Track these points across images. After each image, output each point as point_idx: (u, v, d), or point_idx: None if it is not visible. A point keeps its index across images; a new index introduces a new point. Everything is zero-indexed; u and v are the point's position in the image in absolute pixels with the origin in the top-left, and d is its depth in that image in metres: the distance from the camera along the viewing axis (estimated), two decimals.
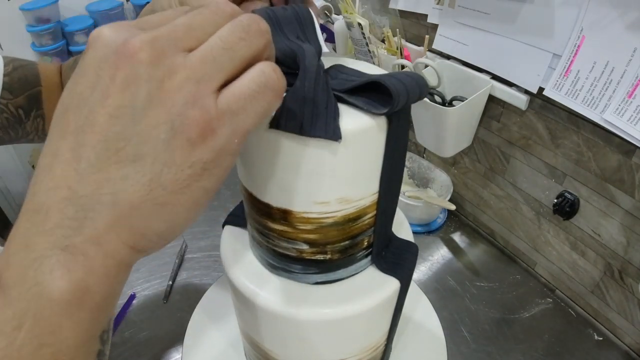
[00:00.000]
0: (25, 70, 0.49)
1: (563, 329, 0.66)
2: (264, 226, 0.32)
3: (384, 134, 0.28)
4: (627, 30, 0.49)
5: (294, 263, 0.33)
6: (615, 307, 0.63)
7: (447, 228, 0.84)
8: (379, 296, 0.33)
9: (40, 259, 0.18)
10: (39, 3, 1.22)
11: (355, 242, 0.32)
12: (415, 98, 0.26)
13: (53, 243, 0.18)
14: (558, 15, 0.55)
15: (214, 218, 0.82)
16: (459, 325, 0.65)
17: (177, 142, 0.18)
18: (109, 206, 0.18)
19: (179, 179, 0.19)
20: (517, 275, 0.74)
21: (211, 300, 0.56)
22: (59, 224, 0.18)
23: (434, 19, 0.74)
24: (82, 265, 0.18)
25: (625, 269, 0.60)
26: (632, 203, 0.56)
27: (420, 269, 0.75)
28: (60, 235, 0.18)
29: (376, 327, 0.37)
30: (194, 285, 0.71)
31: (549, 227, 0.70)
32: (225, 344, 0.50)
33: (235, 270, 0.35)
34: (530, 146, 0.67)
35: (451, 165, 0.85)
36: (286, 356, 0.37)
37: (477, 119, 0.73)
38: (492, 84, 0.67)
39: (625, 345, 0.64)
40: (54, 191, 0.18)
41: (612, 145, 0.56)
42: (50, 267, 0.18)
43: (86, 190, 0.18)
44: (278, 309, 0.32)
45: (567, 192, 0.64)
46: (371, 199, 0.31)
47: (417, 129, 0.78)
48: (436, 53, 0.76)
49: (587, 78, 0.54)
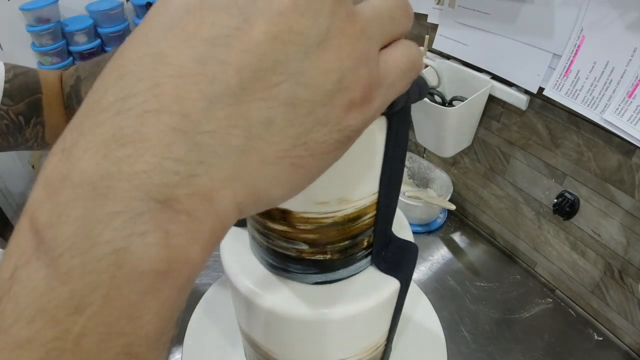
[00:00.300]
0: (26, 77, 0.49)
1: (563, 329, 0.66)
2: (264, 226, 0.32)
3: (384, 134, 0.27)
4: (627, 30, 0.49)
5: (293, 263, 0.33)
6: (615, 307, 0.63)
7: (447, 228, 0.84)
8: (379, 296, 0.33)
9: (126, 213, 0.12)
10: (39, 3, 1.22)
11: (355, 242, 0.32)
12: (415, 98, 0.26)
13: (147, 192, 0.12)
14: (558, 15, 0.55)
15: None
16: (459, 325, 0.65)
17: (339, 100, 0.15)
18: (237, 153, 0.14)
19: (326, 142, 0.15)
20: (517, 275, 0.74)
21: (211, 300, 0.56)
22: (159, 166, 0.13)
23: (434, 19, 0.74)
24: (185, 227, 0.13)
25: (625, 269, 0.60)
26: (632, 203, 0.56)
27: (420, 269, 0.75)
28: (160, 182, 0.13)
29: (376, 327, 0.37)
30: (194, 285, 0.71)
31: (549, 227, 0.70)
32: (225, 344, 0.50)
33: (235, 270, 0.35)
34: (530, 146, 0.67)
35: (451, 165, 0.85)
36: (286, 356, 0.37)
37: (477, 119, 0.73)
38: (492, 84, 0.67)
39: (625, 345, 0.64)
40: (156, 116, 0.13)
41: (612, 145, 0.56)
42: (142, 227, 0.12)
43: (211, 125, 0.13)
44: (278, 309, 0.32)
45: (567, 192, 0.64)
46: (371, 199, 0.31)
47: (417, 129, 0.78)
48: (436, 53, 0.76)
49: (587, 78, 0.54)
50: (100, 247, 0.12)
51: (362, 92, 0.16)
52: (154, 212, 0.13)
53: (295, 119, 0.14)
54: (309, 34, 0.14)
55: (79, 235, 0.12)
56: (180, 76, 0.13)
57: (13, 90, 0.47)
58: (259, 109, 0.14)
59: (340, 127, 0.15)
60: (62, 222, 0.12)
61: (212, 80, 0.13)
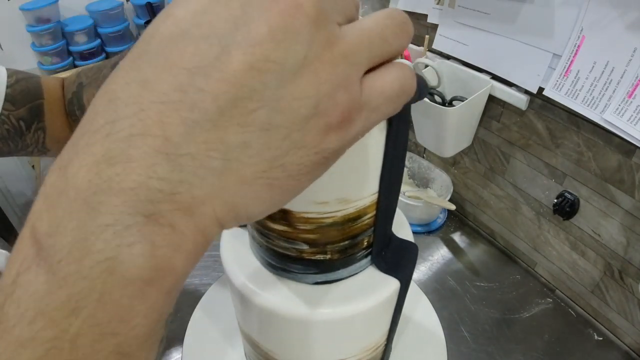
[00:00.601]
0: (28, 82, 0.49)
1: (563, 329, 0.66)
2: (264, 226, 0.32)
3: (383, 134, 0.28)
4: (627, 30, 0.49)
5: (293, 263, 0.33)
6: (615, 307, 0.63)
7: (447, 228, 0.84)
8: (379, 296, 0.33)
9: (114, 226, 0.14)
10: (39, 3, 1.22)
11: (355, 242, 0.32)
12: (415, 98, 0.26)
13: (133, 207, 0.14)
14: (558, 15, 0.55)
15: None
16: (459, 325, 0.65)
17: (315, 124, 0.16)
18: (216, 174, 0.15)
19: (302, 164, 0.16)
20: (517, 275, 0.74)
21: (211, 300, 0.56)
22: (145, 184, 0.14)
23: (434, 19, 0.74)
24: (169, 239, 0.14)
25: (625, 269, 0.60)
26: (632, 203, 0.56)
27: (420, 269, 0.75)
28: (145, 198, 0.14)
29: (376, 327, 0.37)
30: (194, 285, 0.71)
31: (549, 227, 0.70)
32: (225, 344, 0.50)
33: (235, 270, 0.35)
34: (530, 146, 0.67)
35: (451, 165, 0.85)
36: (286, 356, 0.37)
37: (477, 119, 0.73)
38: (492, 84, 0.67)
39: (625, 345, 0.64)
40: (142, 139, 0.14)
41: (612, 145, 0.56)
42: (130, 239, 0.14)
43: (191, 148, 0.14)
44: (278, 309, 0.32)
45: (567, 192, 0.64)
46: (371, 199, 0.31)
47: (417, 129, 0.78)
48: (436, 53, 0.76)
49: (587, 78, 0.54)
50: (93, 256, 0.14)
51: (340, 116, 0.16)
52: (141, 225, 0.14)
53: (271, 143, 0.15)
54: (285, 62, 0.14)
55: (74, 244, 0.14)
56: (163, 102, 0.14)
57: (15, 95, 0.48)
58: (235, 133, 0.15)
59: (317, 150, 0.16)
60: (59, 233, 0.14)
61: (191, 108, 0.14)
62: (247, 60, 0.14)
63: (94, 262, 0.14)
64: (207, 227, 0.16)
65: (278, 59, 0.14)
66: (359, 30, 0.16)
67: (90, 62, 1.32)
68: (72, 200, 0.14)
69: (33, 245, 0.14)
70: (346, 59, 0.16)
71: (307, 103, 0.15)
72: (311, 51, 0.15)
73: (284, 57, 0.14)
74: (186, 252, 0.15)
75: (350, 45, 0.16)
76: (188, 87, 0.14)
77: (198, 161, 0.14)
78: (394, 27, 0.17)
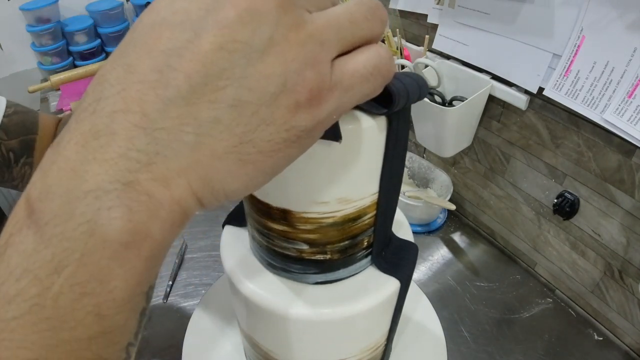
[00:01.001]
0: (25, 116, 0.50)
1: (563, 329, 0.66)
2: (264, 226, 0.32)
3: (384, 134, 0.28)
4: (627, 30, 0.49)
5: (293, 263, 0.33)
6: (615, 307, 0.63)
7: (447, 228, 0.84)
8: (379, 296, 0.33)
9: (96, 191, 0.15)
10: (39, 3, 1.22)
11: (355, 242, 0.32)
12: (416, 98, 0.26)
13: (113, 175, 0.15)
14: (558, 15, 0.55)
15: (214, 218, 0.82)
16: (459, 325, 0.65)
17: (284, 101, 0.16)
18: (189, 147, 0.16)
19: (272, 140, 0.17)
20: (517, 275, 0.74)
21: (211, 300, 0.56)
22: (124, 155, 0.15)
23: (434, 19, 0.74)
24: (146, 206, 0.16)
25: (625, 269, 0.60)
26: (632, 203, 0.56)
27: (420, 269, 0.75)
28: (124, 167, 0.15)
29: (376, 327, 0.37)
30: (194, 285, 0.71)
31: (549, 227, 0.70)
32: (225, 344, 0.50)
33: (235, 270, 0.35)
34: (530, 146, 0.67)
35: (451, 165, 0.85)
36: (286, 356, 0.37)
37: (477, 119, 0.73)
38: (492, 84, 0.67)
39: (625, 345, 0.64)
40: (123, 115, 0.15)
41: (612, 145, 0.56)
42: (108, 203, 0.15)
43: (166, 122, 0.16)
44: (278, 309, 0.32)
45: (567, 192, 0.64)
46: (371, 199, 0.31)
47: (417, 129, 0.78)
48: (436, 53, 0.76)
49: (587, 78, 0.54)
50: (77, 218, 0.15)
51: (308, 93, 0.17)
52: (119, 191, 0.15)
53: (240, 119, 0.16)
54: (252, 42, 0.16)
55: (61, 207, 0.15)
56: (141, 82, 0.16)
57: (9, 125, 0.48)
58: (207, 109, 0.16)
59: (287, 127, 0.17)
60: (49, 198, 0.15)
61: (166, 86, 0.15)
62: (217, 42, 0.15)
63: (76, 224, 0.15)
64: (183, 198, 0.17)
65: (245, 39, 0.16)
66: (327, 14, 0.17)
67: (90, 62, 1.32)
68: (61, 169, 0.15)
69: (26, 209, 0.16)
70: (313, 38, 0.17)
71: (274, 81, 0.16)
72: (277, 32, 0.16)
73: (250, 37, 0.16)
74: (162, 219, 0.16)
75: (317, 27, 0.17)
76: (164, 67, 0.16)
77: (172, 135, 0.16)
78: (364, 11, 0.18)
